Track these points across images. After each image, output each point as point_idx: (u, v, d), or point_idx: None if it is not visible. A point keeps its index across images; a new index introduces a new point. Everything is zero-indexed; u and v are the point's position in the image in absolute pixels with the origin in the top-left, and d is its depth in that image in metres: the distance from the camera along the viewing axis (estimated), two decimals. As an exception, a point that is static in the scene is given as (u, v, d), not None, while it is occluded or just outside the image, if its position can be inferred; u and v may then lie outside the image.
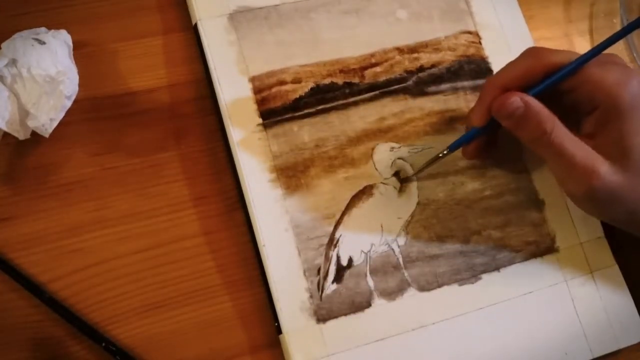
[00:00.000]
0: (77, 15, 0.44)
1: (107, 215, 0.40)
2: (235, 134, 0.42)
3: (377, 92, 0.45)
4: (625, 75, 0.37)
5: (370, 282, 0.41)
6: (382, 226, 0.42)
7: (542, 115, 0.37)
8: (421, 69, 0.46)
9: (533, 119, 0.37)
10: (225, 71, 0.43)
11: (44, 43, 0.39)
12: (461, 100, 0.46)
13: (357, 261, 0.42)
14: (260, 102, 0.43)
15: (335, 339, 0.40)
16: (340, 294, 0.41)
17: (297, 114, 0.43)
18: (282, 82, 0.44)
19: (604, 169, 0.36)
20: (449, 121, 0.46)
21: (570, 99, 0.38)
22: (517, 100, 0.37)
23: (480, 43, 0.48)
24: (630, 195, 0.37)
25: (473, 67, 0.47)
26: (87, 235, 0.40)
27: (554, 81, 0.38)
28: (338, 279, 0.41)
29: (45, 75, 0.38)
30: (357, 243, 0.42)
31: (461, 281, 0.43)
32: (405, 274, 0.42)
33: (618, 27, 0.53)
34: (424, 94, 0.46)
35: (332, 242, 0.41)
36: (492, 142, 0.43)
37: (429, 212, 0.43)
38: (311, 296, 0.40)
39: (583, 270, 0.44)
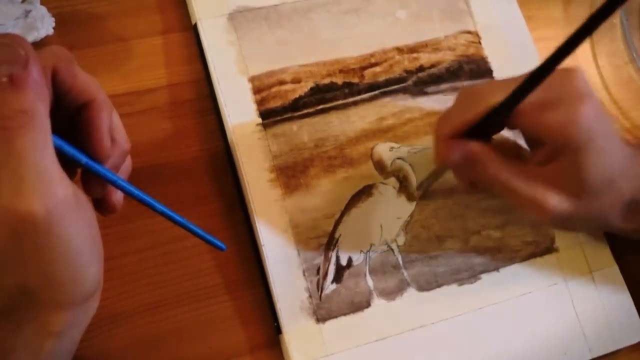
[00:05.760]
0: (77, 15, 0.44)
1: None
2: (235, 134, 0.42)
3: (376, 92, 0.45)
4: (574, 110, 0.34)
5: (370, 282, 0.41)
6: (381, 226, 0.43)
7: (485, 161, 0.37)
8: (421, 68, 0.46)
9: (478, 165, 0.37)
10: (224, 71, 0.43)
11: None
12: (461, 100, 0.46)
13: (356, 261, 0.42)
14: (260, 102, 0.43)
15: (335, 338, 0.40)
16: (340, 293, 0.41)
17: (296, 113, 0.43)
18: (282, 82, 0.44)
19: (554, 202, 0.35)
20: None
21: (518, 130, 0.38)
22: (457, 152, 0.37)
23: (480, 43, 0.48)
24: (589, 216, 0.37)
25: (473, 66, 0.47)
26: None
27: (491, 124, 0.37)
28: (337, 278, 0.41)
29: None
30: (356, 243, 0.42)
31: (460, 281, 0.43)
32: (405, 274, 0.42)
33: (617, 28, 0.53)
34: (423, 93, 0.46)
35: (331, 242, 0.42)
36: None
37: (428, 212, 0.43)
38: (310, 296, 0.40)
39: (582, 271, 0.44)
